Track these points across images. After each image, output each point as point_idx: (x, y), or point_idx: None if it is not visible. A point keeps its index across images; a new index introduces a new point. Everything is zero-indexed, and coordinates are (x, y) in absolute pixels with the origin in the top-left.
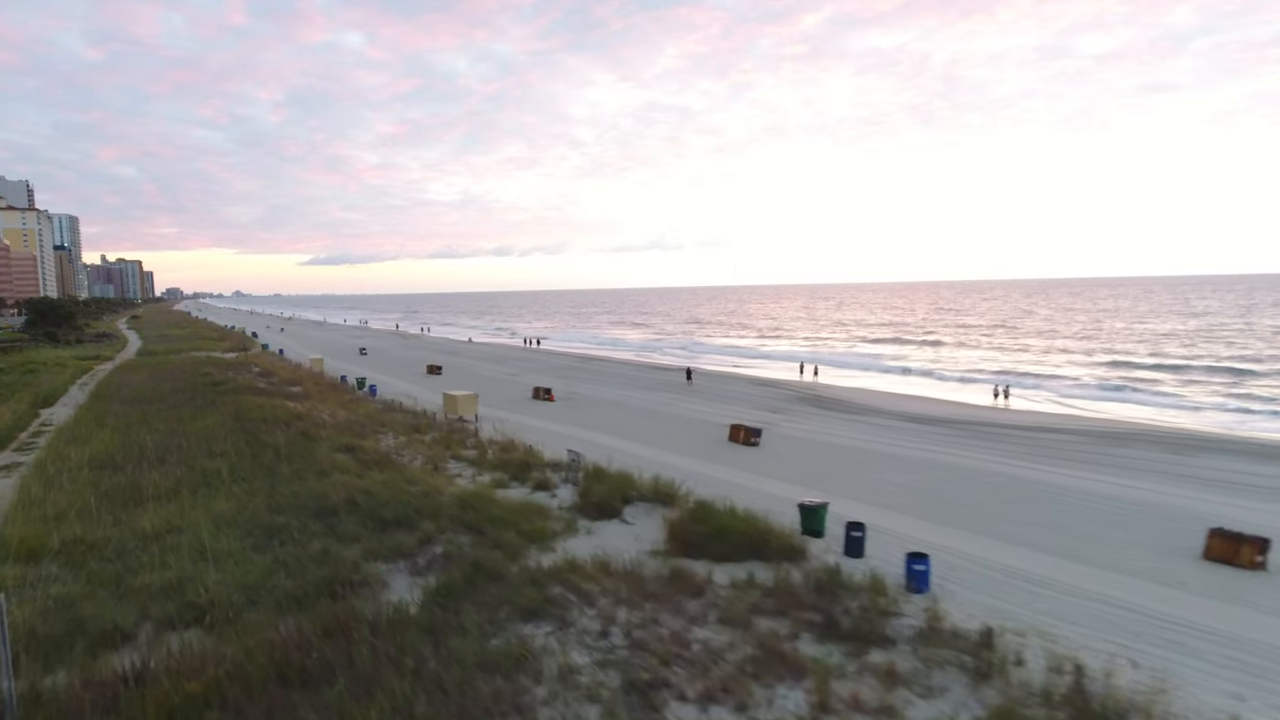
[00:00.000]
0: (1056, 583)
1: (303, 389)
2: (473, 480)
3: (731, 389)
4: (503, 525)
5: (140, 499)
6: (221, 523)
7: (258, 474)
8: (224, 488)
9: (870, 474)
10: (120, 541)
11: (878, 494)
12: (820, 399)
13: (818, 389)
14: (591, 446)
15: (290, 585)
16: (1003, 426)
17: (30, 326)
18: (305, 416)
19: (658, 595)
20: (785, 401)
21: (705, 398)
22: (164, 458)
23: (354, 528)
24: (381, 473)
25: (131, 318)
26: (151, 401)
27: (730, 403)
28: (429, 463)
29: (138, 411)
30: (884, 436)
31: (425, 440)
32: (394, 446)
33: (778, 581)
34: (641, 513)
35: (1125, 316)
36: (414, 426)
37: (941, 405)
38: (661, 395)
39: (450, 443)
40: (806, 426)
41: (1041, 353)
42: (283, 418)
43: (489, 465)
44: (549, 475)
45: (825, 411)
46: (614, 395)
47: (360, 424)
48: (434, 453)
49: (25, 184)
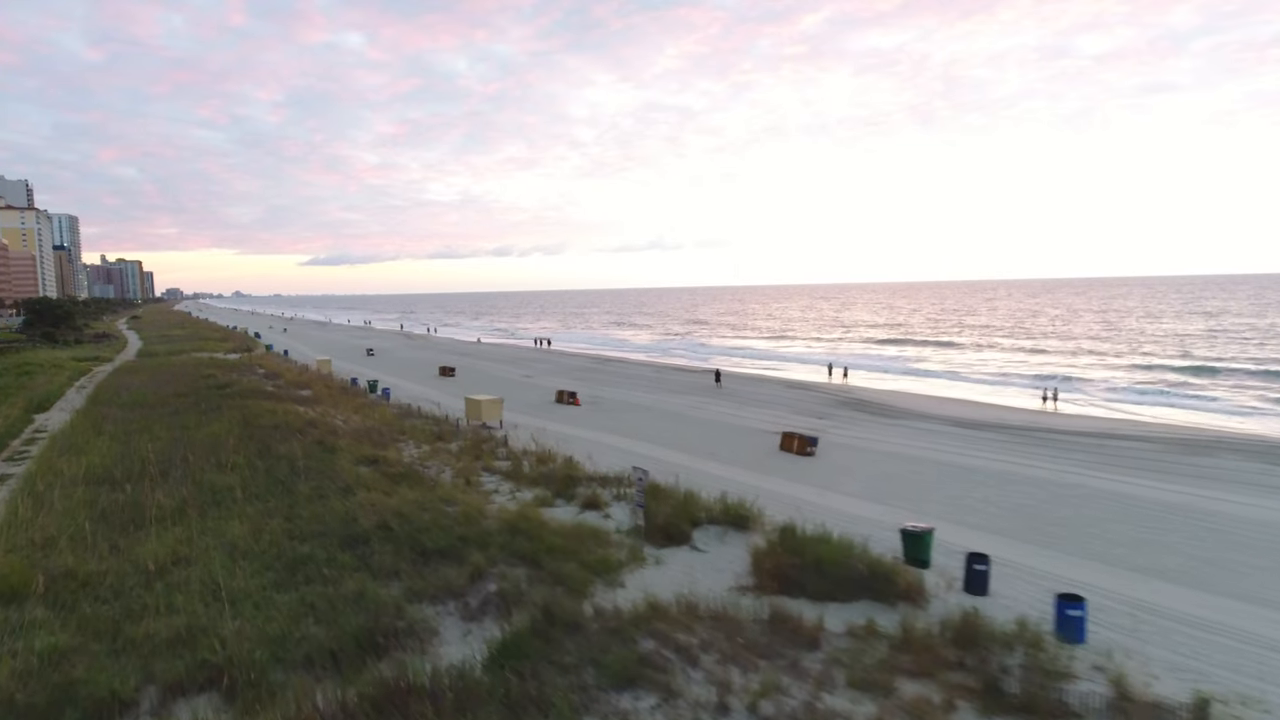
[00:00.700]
0: (1224, 627)
1: (312, 392)
2: (511, 497)
3: (763, 392)
4: (561, 555)
5: (142, 521)
6: (236, 552)
7: (273, 491)
8: (236, 508)
9: (951, 488)
10: (119, 576)
11: (966, 512)
12: (861, 403)
13: (854, 392)
14: (630, 456)
15: (323, 635)
16: (1064, 433)
17: (28, 327)
18: (318, 423)
19: (765, 648)
20: (825, 406)
21: (739, 401)
22: (167, 471)
23: (391, 559)
24: (412, 489)
25: (131, 318)
26: (153, 406)
27: (767, 407)
28: (459, 476)
29: (138, 417)
30: (946, 444)
31: (451, 450)
32: (418, 457)
33: (905, 629)
34: (713, 538)
35: (1138, 316)
36: (436, 434)
37: (989, 409)
38: (691, 399)
39: (480, 452)
40: (858, 433)
41: (1066, 354)
42: (295, 425)
43: (527, 480)
44: (598, 492)
45: (872, 417)
46: (641, 399)
47: (378, 431)
48: (464, 465)
49: (25, 183)
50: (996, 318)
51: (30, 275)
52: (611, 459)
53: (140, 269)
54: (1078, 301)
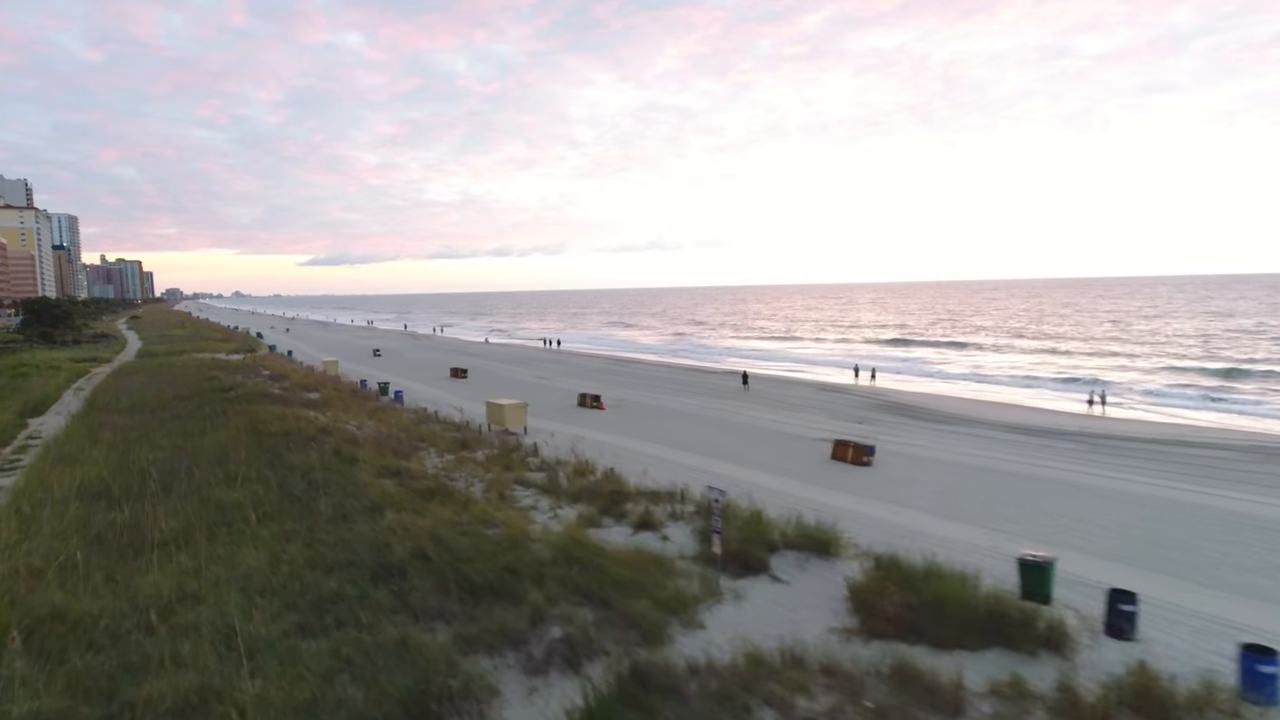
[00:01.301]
0: None
1: (321, 396)
2: (553, 515)
3: (793, 395)
4: (628, 590)
5: (142, 546)
6: (252, 587)
7: (290, 510)
8: (249, 530)
9: (1036, 504)
10: (115, 617)
11: (1063, 532)
12: (899, 406)
13: (887, 395)
14: (669, 466)
15: (363, 700)
16: (1128, 440)
17: (25, 327)
18: (332, 430)
19: (901, 716)
20: (861, 409)
21: (771, 405)
22: (170, 485)
23: (433, 596)
24: (444, 507)
25: (131, 318)
26: (153, 411)
27: (801, 411)
28: (491, 490)
29: (138, 423)
30: (1008, 453)
31: (477, 460)
32: (443, 468)
33: (1064, 689)
34: (793, 566)
35: (1148, 316)
36: (460, 442)
37: (1035, 414)
38: (720, 402)
39: (510, 463)
40: (908, 440)
41: (1086, 355)
42: (307, 432)
43: (567, 495)
44: (650, 510)
45: (915, 422)
46: (667, 402)
47: (396, 439)
48: (494, 477)
49: (24, 183)
50: (1005, 318)
51: (29, 275)
52: (650, 469)
53: (140, 269)
54: (1082, 301)
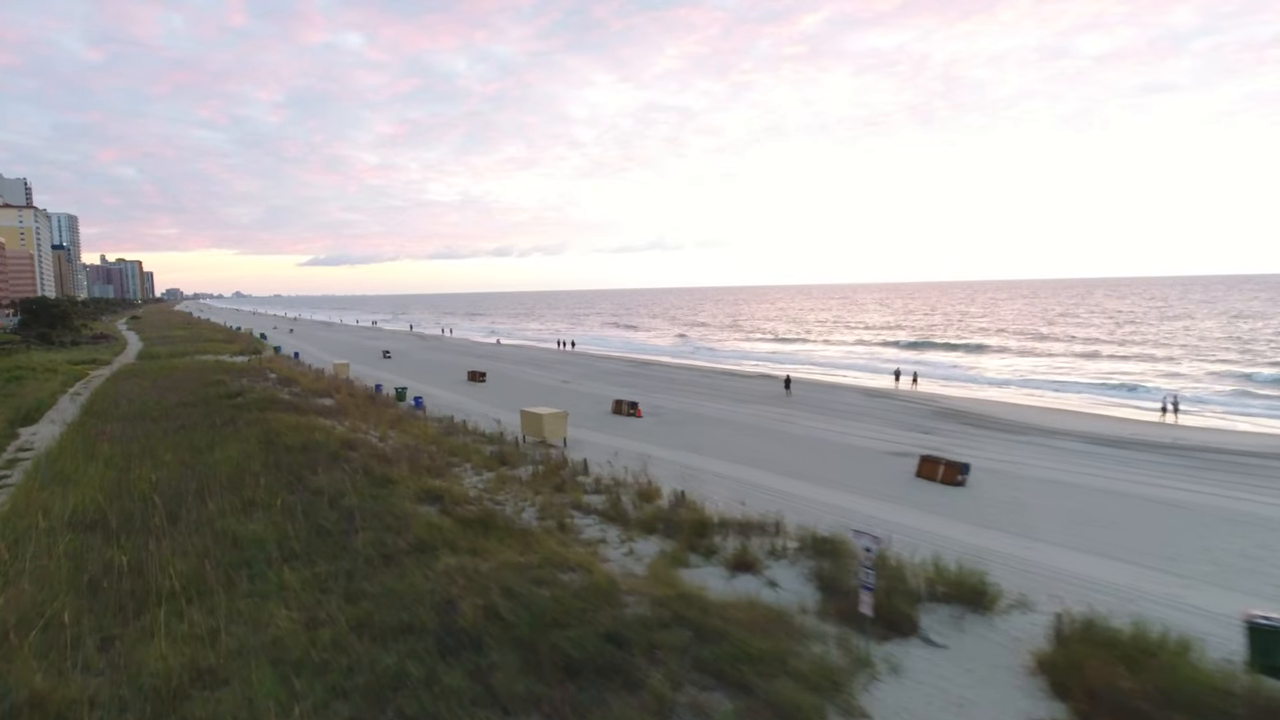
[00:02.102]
0: None
1: (336, 402)
2: (628, 550)
3: (840, 401)
4: (762, 663)
5: (145, 597)
6: (286, 660)
7: (320, 547)
8: (274, 575)
9: (1183, 535)
10: (111, 709)
11: (1237, 573)
12: (959, 414)
13: (939, 401)
14: (734, 484)
15: None
16: (1234, 453)
17: (23, 327)
18: (355, 443)
19: None
20: (919, 417)
21: (821, 412)
22: (176, 513)
23: (522, 679)
24: (503, 543)
25: (131, 318)
26: (156, 419)
27: (856, 418)
28: (546, 516)
29: (139, 434)
30: (1111, 470)
31: (521, 478)
32: (484, 489)
33: None
34: (946, 623)
35: (1165, 317)
36: (497, 456)
37: (1110, 423)
38: (766, 409)
39: (561, 483)
40: (989, 454)
41: (1126, 359)
42: (328, 445)
43: (637, 524)
44: (745, 547)
45: (986, 432)
46: (707, 409)
47: (425, 453)
48: (546, 500)
49: (23, 182)
50: (1019, 319)
51: (28, 275)
52: (715, 488)
53: (140, 269)
54: (1091, 302)
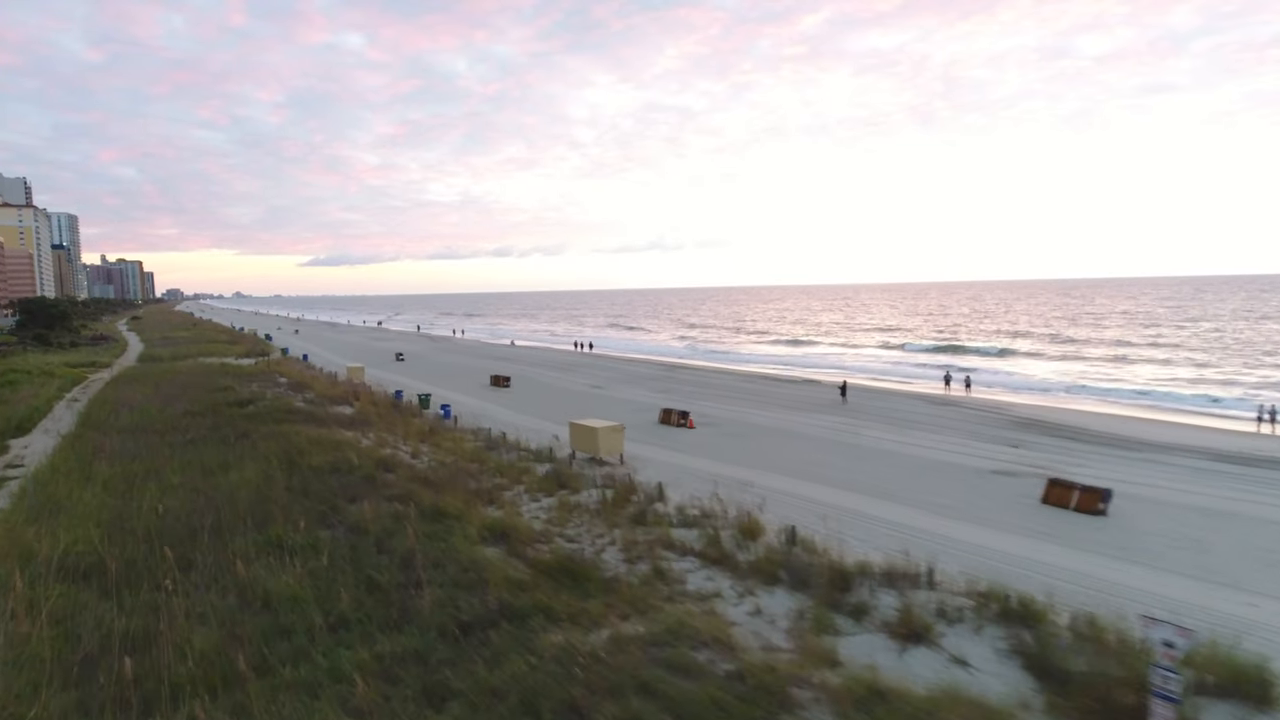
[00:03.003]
0: None
1: (356, 411)
2: (752, 609)
3: (903, 409)
4: None
5: (154, 693)
6: None
7: (375, 609)
8: (322, 656)
9: None
10: None
11: None
12: (1044, 425)
13: (1012, 409)
14: (823, 509)
15: None
16: None
17: (21, 328)
18: (390, 462)
19: None
20: (1000, 428)
21: (889, 422)
22: (189, 556)
23: None
24: (600, 600)
25: (132, 319)
26: (160, 432)
27: (928, 429)
28: (632, 555)
29: (142, 449)
30: (1261, 494)
31: (587, 505)
32: (549, 519)
33: None
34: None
35: (1197, 319)
36: (552, 478)
37: (1212, 435)
38: (826, 418)
39: (639, 513)
40: (1105, 473)
41: (1170, 364)
42: (360, 466)
43: (752, 572)
44: (909, 607)
45: (1085, 445)
46: (760, 418)
47: (468, 473)
48: (627, 535)
49: (22, 181)
50: (1041, 321)
51: (28, 274)
52: (799, 513)
53: (140, 269)
54: (1103, 301)
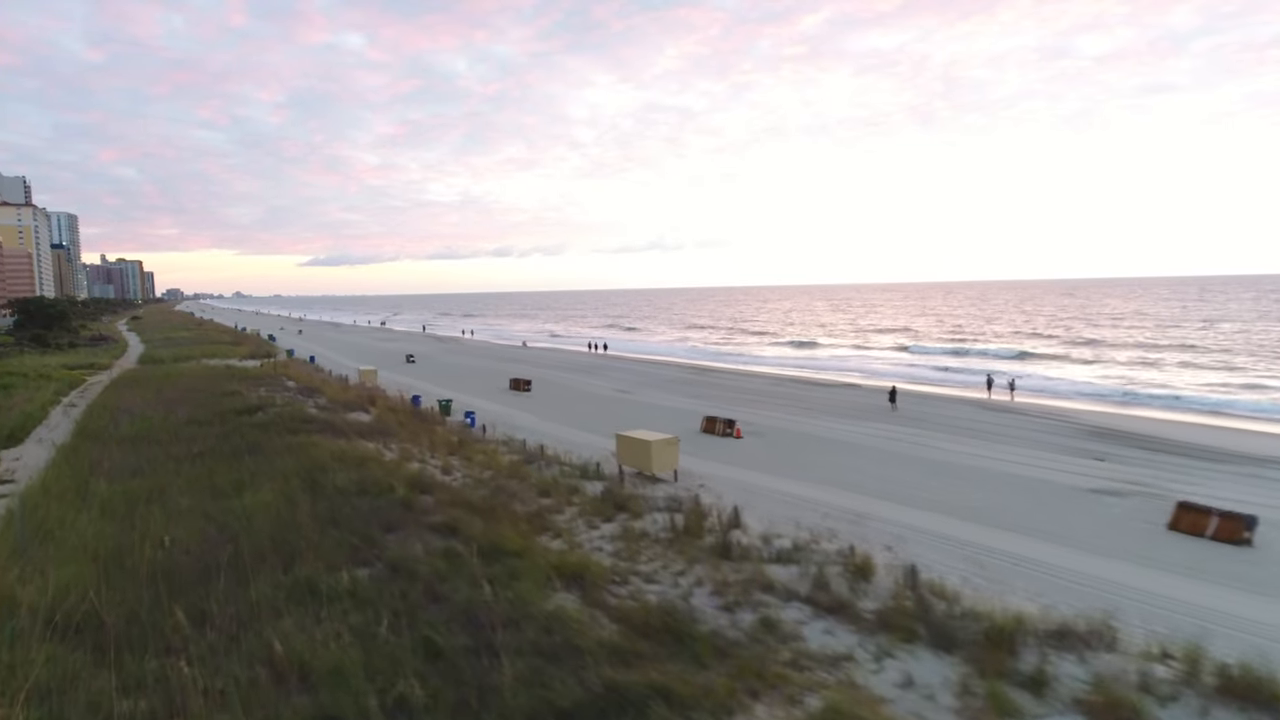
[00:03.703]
0: None
1: (375, 419)
2: (901, 678)
3: (958, 416)
4: None
5: None
6: None
7: (444, 692)
8: None
9: None
10: None
11: None
12: (1121, 435)
13: (1077, 417)
14: (911, 535)
15: None
16: None
17: (19, 329)
18: (425, 482)
19: None
20: (1072, 438)
21: (948, 430)
22: (203, 607)
23: None
24: (718, 671)
25: (132, 319)
26: (163, 442)
27: (995, 440)
28: (730, 602)
29: (144, 463)
30: None
31: (655, 535)
32: (615, 552)
33: None
34: None
35: (1210, 319)
36: (610, 499)
37: None
38: (879, 426)
39: (722, 546)
40: (1219, 492)
41: (1210, 369)
42: (392, 486)
43: (880, 624)
44: (1104, 683)
45: (1180, 459)
46: (809, 426)
47: (510, 493)
48: (715, 574)
49: (22, 180)
50: (1058, 322)
51: (27, 274)
52: (885, 540)
53: (140, 269)
54: (1111, 302)
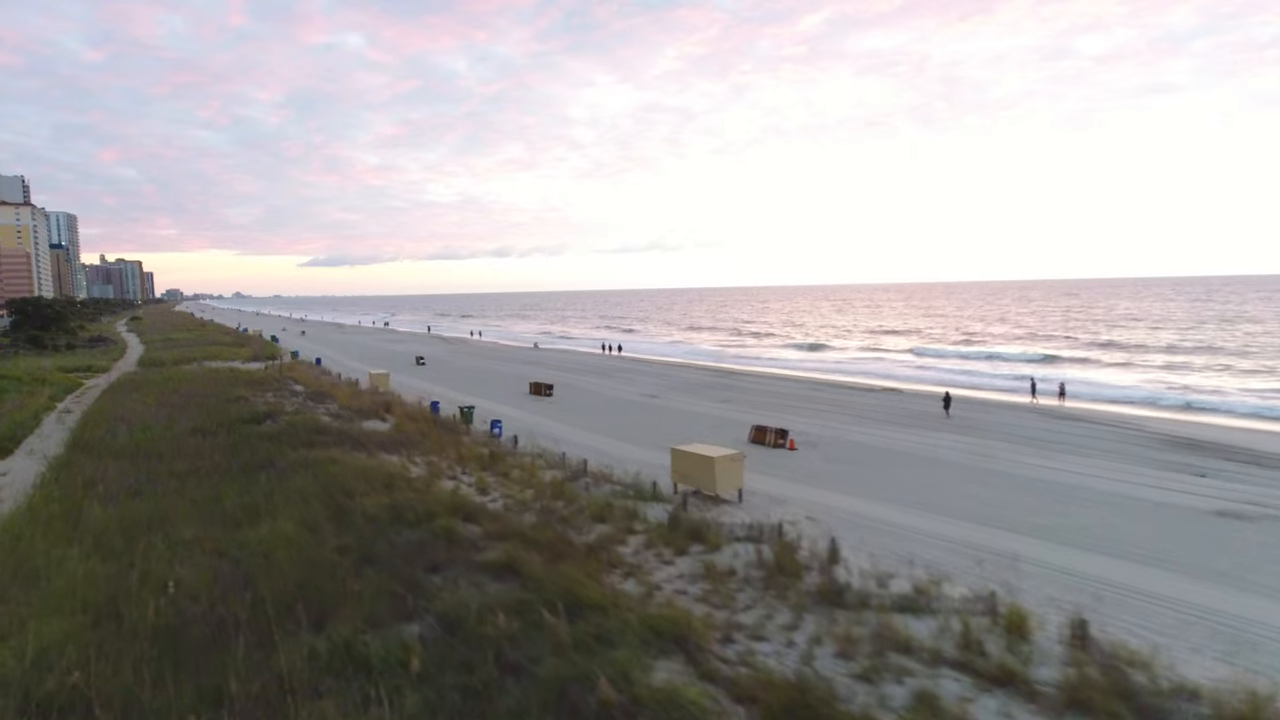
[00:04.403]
0: None
1: (394, 427)
2: None
3: (1019, 424)
4: None
5: None
6: None
7: None
8: None
9: None
10: None
11: None
12: (1208, 446)
13: (1152, 426)
14: (1025, 567)
15: None
16: None
17: (15, 329)
18: (467, 507)
19: None
20: (1157, 450)
21: (1017, 441)
22: (218, 683)
23: None
24: None
25: (132, 319)
26: (165, 456)
27: (1074, 452)
28: (865, 669)
29: (144, 482)
30: None
31: (738, 571)
32: (702, 597)
33: None
34: None
35: (1228, 319)
36: (679, 527)
37: None
38: (940, 436)
39: (833, 590)
40: None
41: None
42: (431, 513)
43: (1077, 703)
44: None
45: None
46: (862, 435)
47: (558, 516)
48: (839, 631)
49: (20, 179)
50: (1075, 324)
51: (25, 274)
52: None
53: (140, 269)
54: (1117, 303)
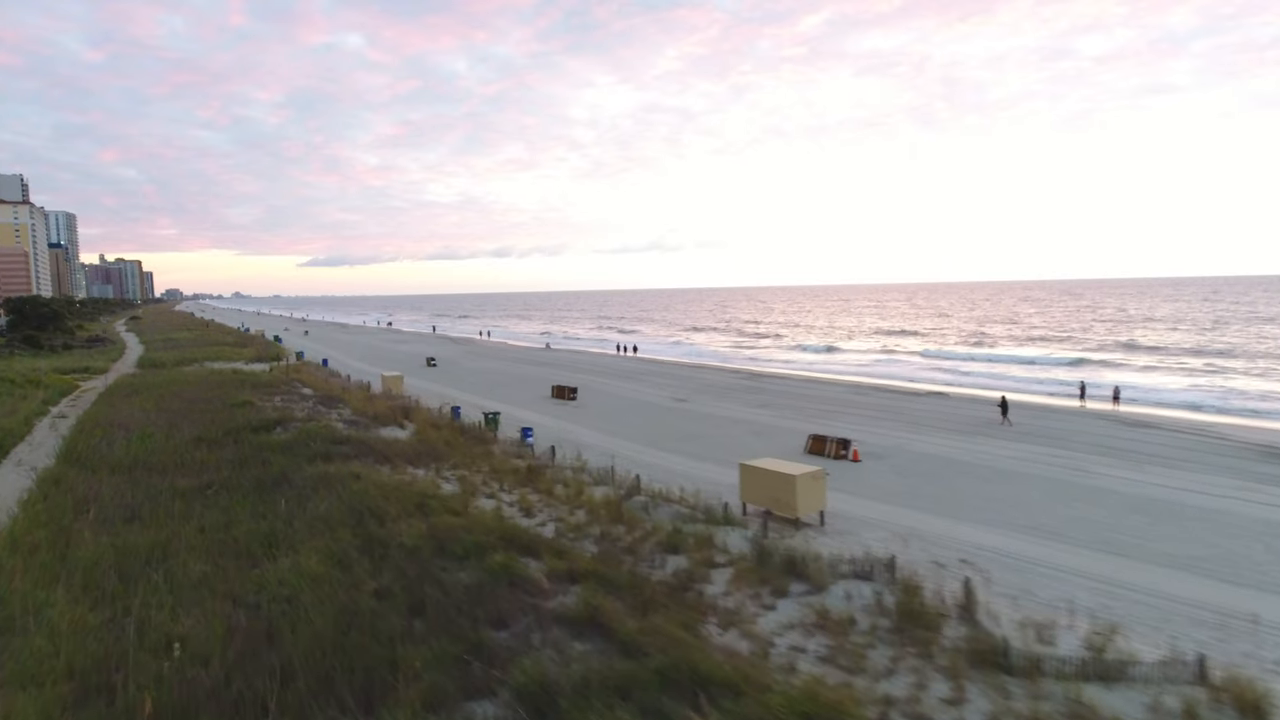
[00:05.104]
0: None
1: (415, 435)
2: None
3: (1088, 431)
4: None
5: None
6: None
7: None
8: None
9: None
10: None
11: None
12: None
13: (1232, 433)
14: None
15: None
16: None
17: (11, 329)
18: (523, 539)
19: None
20: (1256, 462)
21: (1099, 451)
22: None
23: None
24: None
25: (131, 319)
26: (166, 470)
27: (1164, 463)
28: None
29: (142, 503)
30: None
31: (859, 621)
32: (826, 657)
33: None
34: None
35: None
36: (781, 564)
37: None
38: (1007, 445)
39: (983, 648)
40: None
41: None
42: (482, 545)
43: None
44: None
45: None
46: (921, 445)
47: (623, 546)
48: (1026, 712)
49: (19, 178)
50: (1094, 325)
51: (23, 273)
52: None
53: (140, 269)
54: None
